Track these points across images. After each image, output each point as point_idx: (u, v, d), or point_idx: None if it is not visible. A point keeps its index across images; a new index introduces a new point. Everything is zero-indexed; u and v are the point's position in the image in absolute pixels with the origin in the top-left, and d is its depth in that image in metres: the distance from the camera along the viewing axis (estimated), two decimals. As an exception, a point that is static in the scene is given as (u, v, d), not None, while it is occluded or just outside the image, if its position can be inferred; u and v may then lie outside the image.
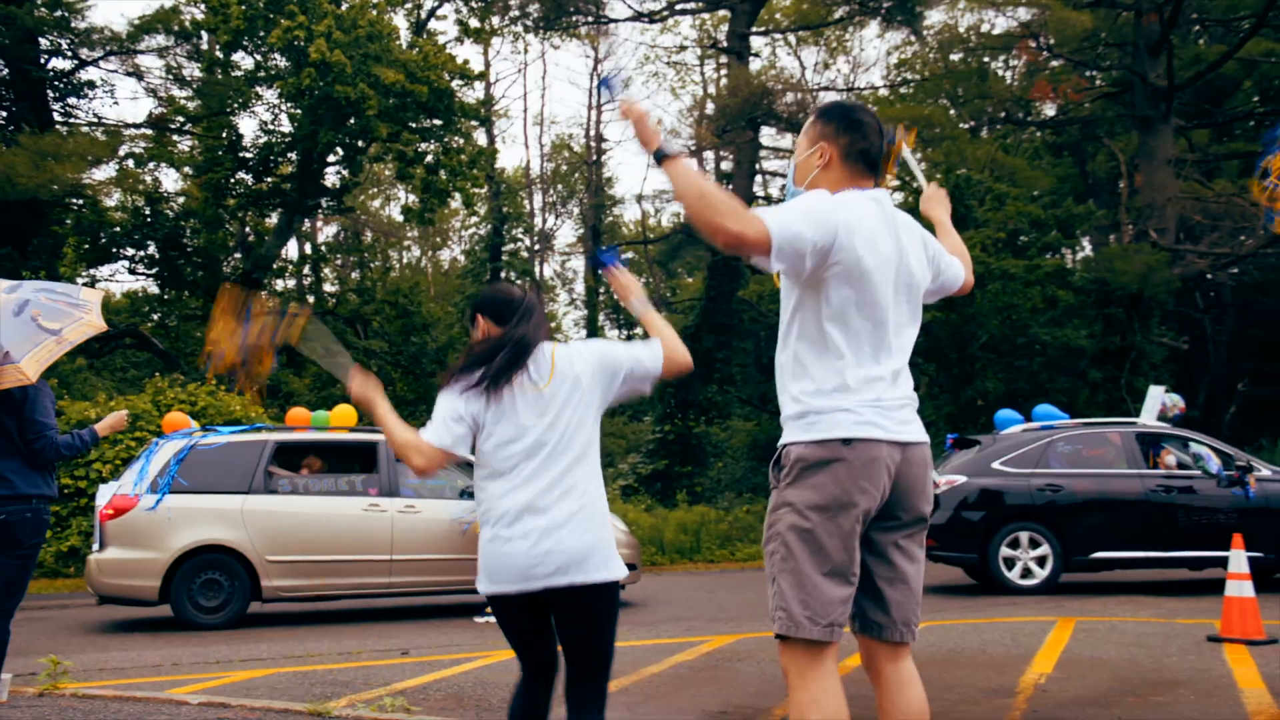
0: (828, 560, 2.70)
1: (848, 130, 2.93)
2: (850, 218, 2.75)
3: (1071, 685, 6.45)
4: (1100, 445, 11.80)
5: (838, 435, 2.71)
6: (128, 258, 25.35)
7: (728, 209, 2.60)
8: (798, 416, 2.77)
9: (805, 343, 2.81)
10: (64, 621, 11.10)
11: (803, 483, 2.72)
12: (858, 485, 2.71)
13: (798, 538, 2.70)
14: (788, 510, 2.72)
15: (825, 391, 2.75)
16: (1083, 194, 28.04)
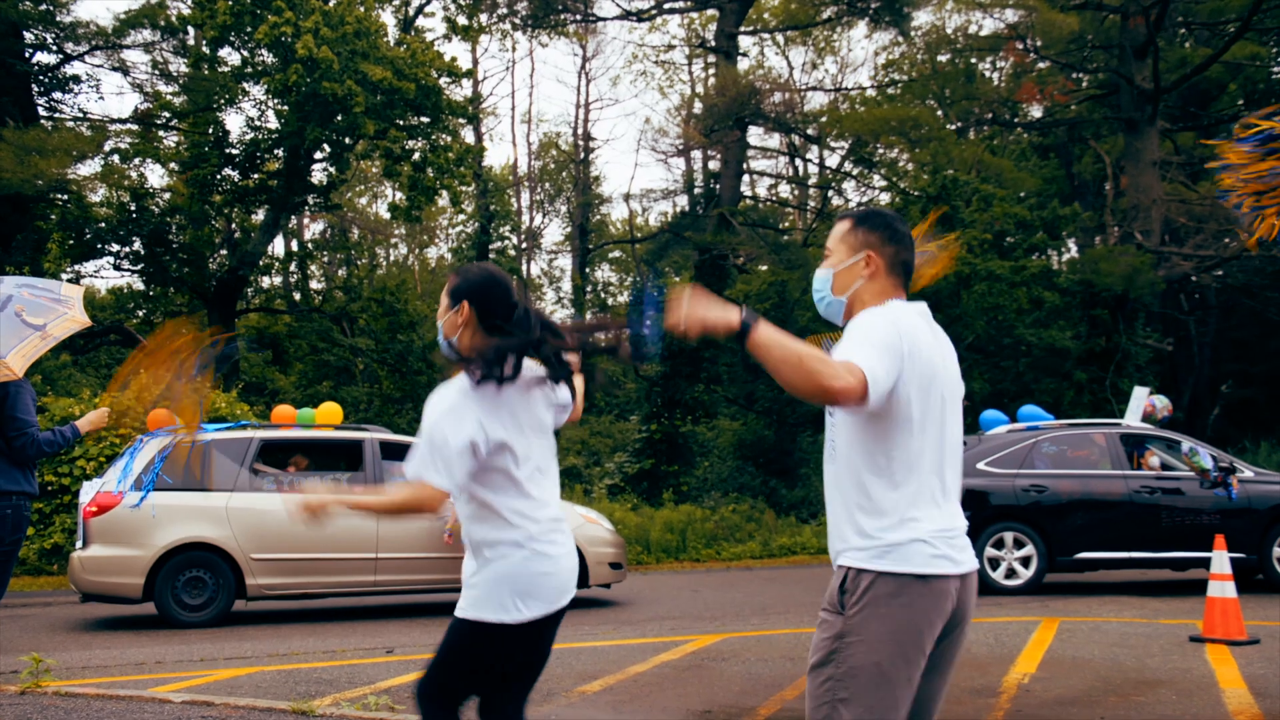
0: (890, 696, 2.69)
1: (893, 241, 2.92)
2: (913, 341, 2.74)
3: (1054, 685, 6.47)
4: (1085, 446, 11.85)
5: (913, 570, 2.70)
6: (113, 254, 25.21)
7: (828, 369, 2.55)
8: (870, 548, 2.73)
9: (871, 472, 2.76)
10: (47, 619, 11.05)
11: (873, 614, 2.68)
12: (929, 621, 2.71)
13: (866, 672, 2.67)
14: (856, 640, 2.68)
15: (900, 525, 2.72)
16: (1069, 195, 28.15)
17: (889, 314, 2.79)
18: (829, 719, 2.68)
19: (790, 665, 7.37)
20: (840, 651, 2.68)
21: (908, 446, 2.74)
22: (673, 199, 40.35)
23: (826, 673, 2.70)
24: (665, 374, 23.75)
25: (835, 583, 2.75)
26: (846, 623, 2.70)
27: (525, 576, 3.15)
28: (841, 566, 2.76)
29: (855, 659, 2.66)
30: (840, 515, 2.82)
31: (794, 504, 21.63)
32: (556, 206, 42.87)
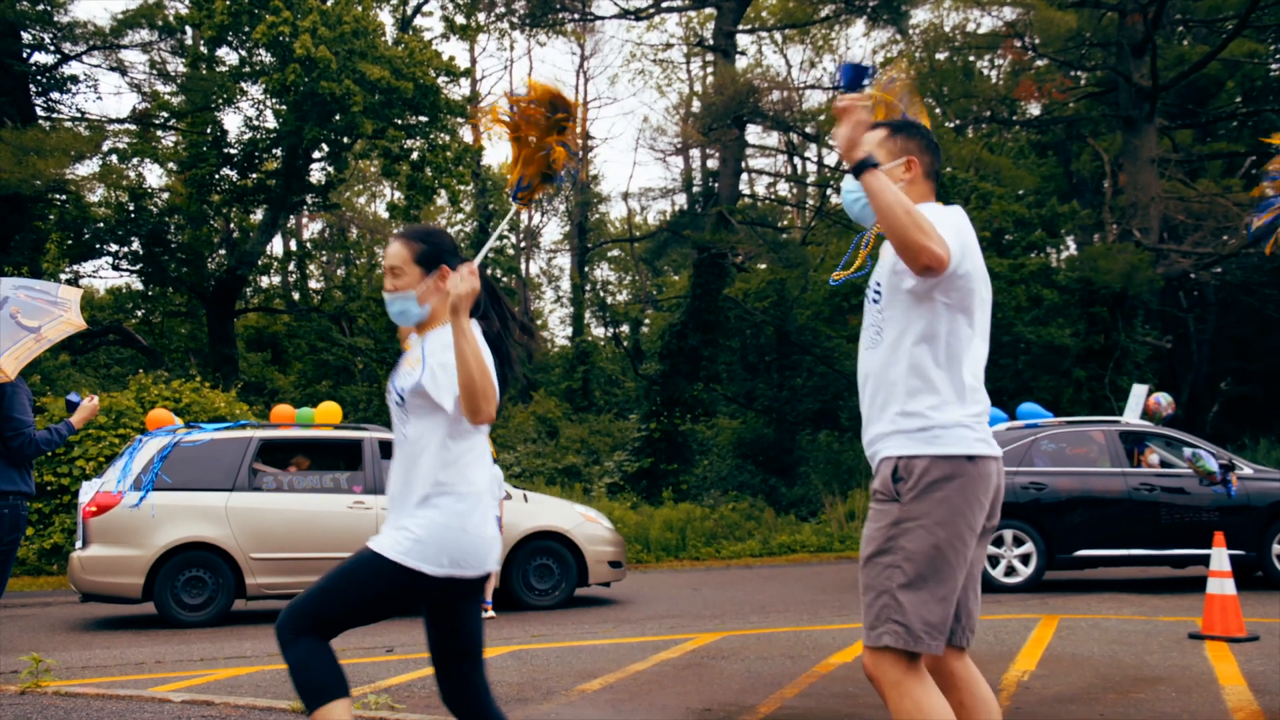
0: (951, 577, 2.75)
1: (930, 150, 3.06)
2: (973, 239, 2.87)
3: (1054, 682, 6.48)
4: (1084, 444, 11.86)
5: (963, 451, 2.78)
6: (111, 254, 25.21)
7: (931, 229, 2.63)
8: (919, 430, 2.80)
9: (925, 356, 2.84)
10: (46, 619, 11.05)
11: (929, 498, 2.75)
12: (979, 501, 2.80)
13: (925, 554, 2.73)
14: (914, 525, 2.74)
15: (946, 405, 2.81)
16: (1067, 193, 28.16)
17: (956, 213, 2.89)
18: (889, 605, 2.74)
19: (790, 663, 7.38)
20: (898, 537, 2.75)
21: (960, 334, 2.86)
22: (671, 197, 40.36)
23: (885, 560, 2.76)
24: (664, 372, 23.76)
25: (886, 472, 2.82)
26: (903, 509, 2.76)
27: (466, 534, 3.11)
28: (889, 457, 2.83)
29: (914, 543, 2.73)
30: (885, 400, 2.89)
31: (793, 502, 21.63)
32: (555, 205, 42.85)
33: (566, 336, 39.59)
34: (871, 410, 2.94)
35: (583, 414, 29.76)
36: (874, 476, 2.91)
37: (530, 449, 25.42)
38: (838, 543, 18.67)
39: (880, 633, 2.76)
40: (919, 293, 2.83)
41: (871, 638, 2.78)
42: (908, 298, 2.86)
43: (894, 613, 2.73)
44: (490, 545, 3.20)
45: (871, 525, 2.82)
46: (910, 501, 2.76)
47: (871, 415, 2.93)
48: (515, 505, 11.13)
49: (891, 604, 2.73)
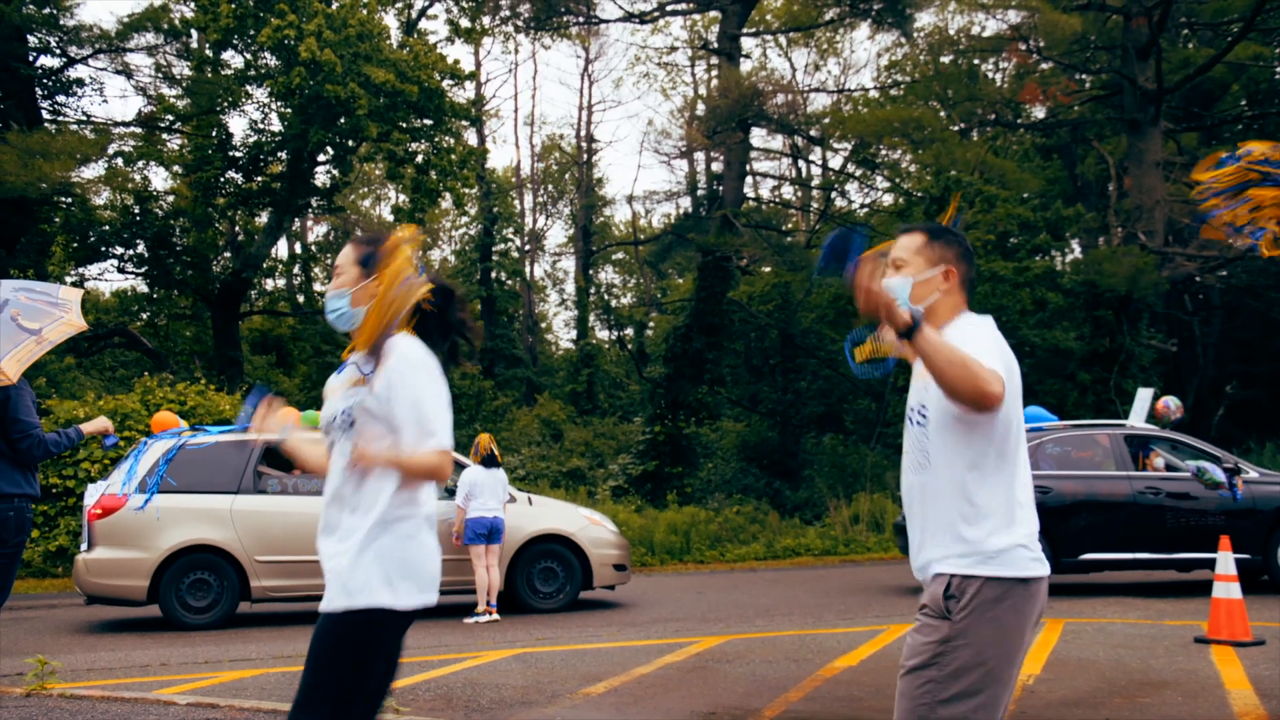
0: (996, 699, 2.77)
1: (966, 258, 3.05)
2: (1006, 346, 2.87)
3: (1059, 686, 6.47)
4: (1089, 447, 11.84)
5: (1017, 574, 2.80)
6: (116, 256, 25.25)
7: (986, 374, 2.66)
8: (974, 554, 2.82)
9: (977, 481, 2.85)
10: (52, 621, 11.06)
11: (980, 618, 2.77)
12: (1030, 620, 2.83)
13: (970, 674, 2.75)
14: (964, 645, 2.76)
15: (1000, 529, 2.82)
16: (1072, 196, 28.12)
17: (990, 326, 2.92)
18: (927, 718, 2.75)
19: (794, 667, 7.37)
20: (945, 655, 2.76)
21: (1008, 451, 2.85)
22: (676, 201, 40.37)
23: (929, 675, 2.77)
24: (669, 375, 23.75)
25: (938, 589, 2.83)
26: (953, 627, 2.77)
27: (421, 559, 2.99)
28: (943, 574, 2.84)
29: (961, 661, 2.75)
30: (938, 523, 2.89)
31: (798, 505, 21.61)
32: (559, 208, 42.90)
33: (571, 339, 39.62)
34: (924, 534, 2.95)
35: (587, 417, 29.76)
36: (926, 590, 2.92)
37: (534, 452, 25.43)
38: (842, 546, 18.65)
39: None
40: (969, 420, 2.84)
41: None
42: (958, 424, 2.87)
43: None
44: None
45: (919, 637, 2.84)
46: (960, 620, 2.78)
47: (924, 539, 2.94)
48: (520, 508, 11.12)
49: (932, 717, 2.75)
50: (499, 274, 35.97)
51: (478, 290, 35.19)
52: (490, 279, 35.32)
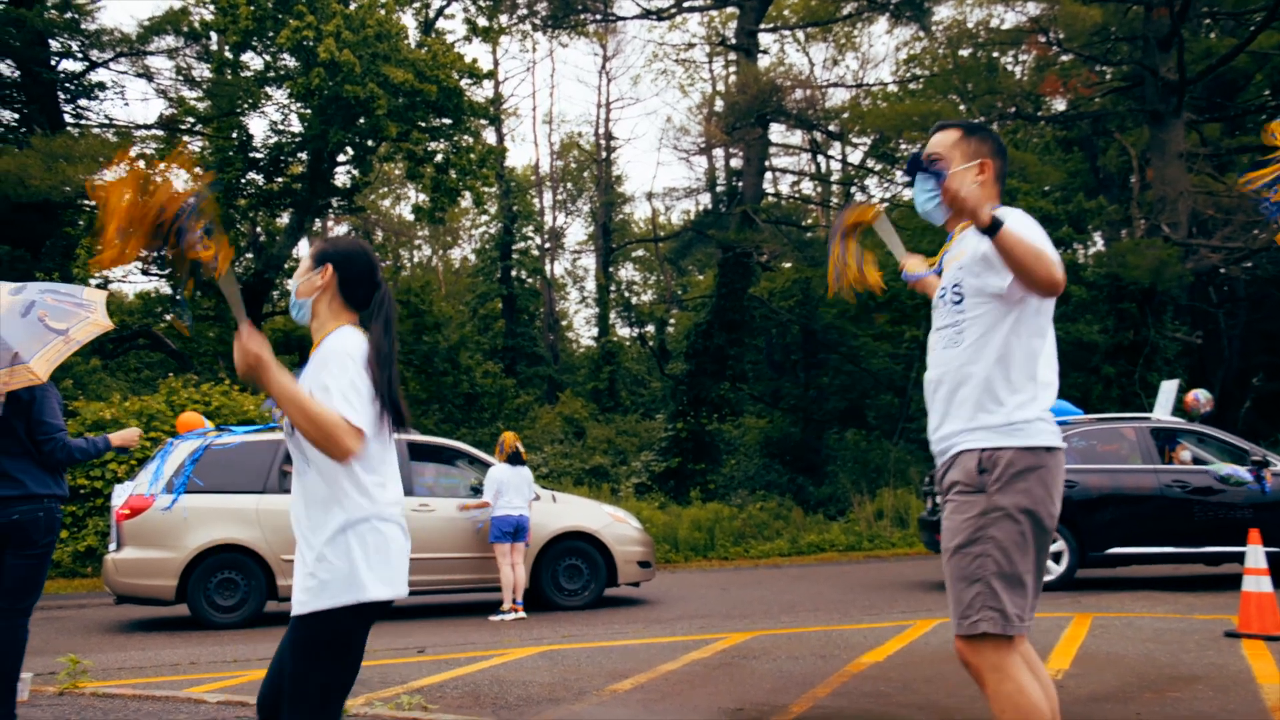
0: (1034, 561, 2.88)
1: (1000, 154, 3.17)
2: None
3: (1088, 681, 6.43)
4: (1114, 440, 11.76)
5: (1044, 443, 2.91)
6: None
7: (1058, 264, 2.79)
8: (1004, 425, 2.91)
9: (1011, 354, 2.95)
10: (82, 621, 11.15)
11: (1014, 488, 2.86)
12: (1058, 489, 2.95)
13: (1014, 541, 2.85)
14: (1001, 515, 2.85)
15: (1028, 402, 2.93)
16: (1094, 189, 27.97)
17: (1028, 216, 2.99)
18: (983, 593, 2.84)
19: (821, 663, 7.36)
20: (987, 527, 2.86)
21: (1041, 331, 2.99)
22: (695, 197, 40.36)
23: (975, 550, 2.86)
24: (691, 372, 23.74)
25: (970, 464, 2.91)
26: (990, 499, 2.87)
27: (386, 553, 3.03)
28: (971, 450, 2.93)
29: (1004, 532, 2.85)
30: (966, 398, 2.98)
31: (821, 501, 21.57)
32: (579, 206, 42.94)
33: (592, 337, 39.66)
34: (948, 407, 3.03)
35: (609, 414, 29.79)
36: (948, 469, 3.00)
37: (557, 449, 25.47)
38: (866, 541, 18.61)
39: (976, 620, 2.86)
40: (1012, 297, 2.93)
41: (965, 626, 2.88)
42: (996, 300, 2.96)
43: (989, 599, 2.83)
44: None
45: (957, 517, 2.91)
46: (997, 492, 2.86)
47: (948, 412, 3.02)
48: (544, 506, 11.15)
49: (985, 591, 2.83)
50: (519, 272, 36.02)
51: (498, 289, 35.25)
52: (511, 277, 35.38)
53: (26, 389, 5.05)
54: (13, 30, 21.42)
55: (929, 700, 6.08)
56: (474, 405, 28.27)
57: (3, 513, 5.08)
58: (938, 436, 3.05)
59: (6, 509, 5.08)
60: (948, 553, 2.92)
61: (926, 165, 3.15)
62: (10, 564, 5.11)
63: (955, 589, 2.89)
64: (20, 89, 23.03)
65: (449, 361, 28.06)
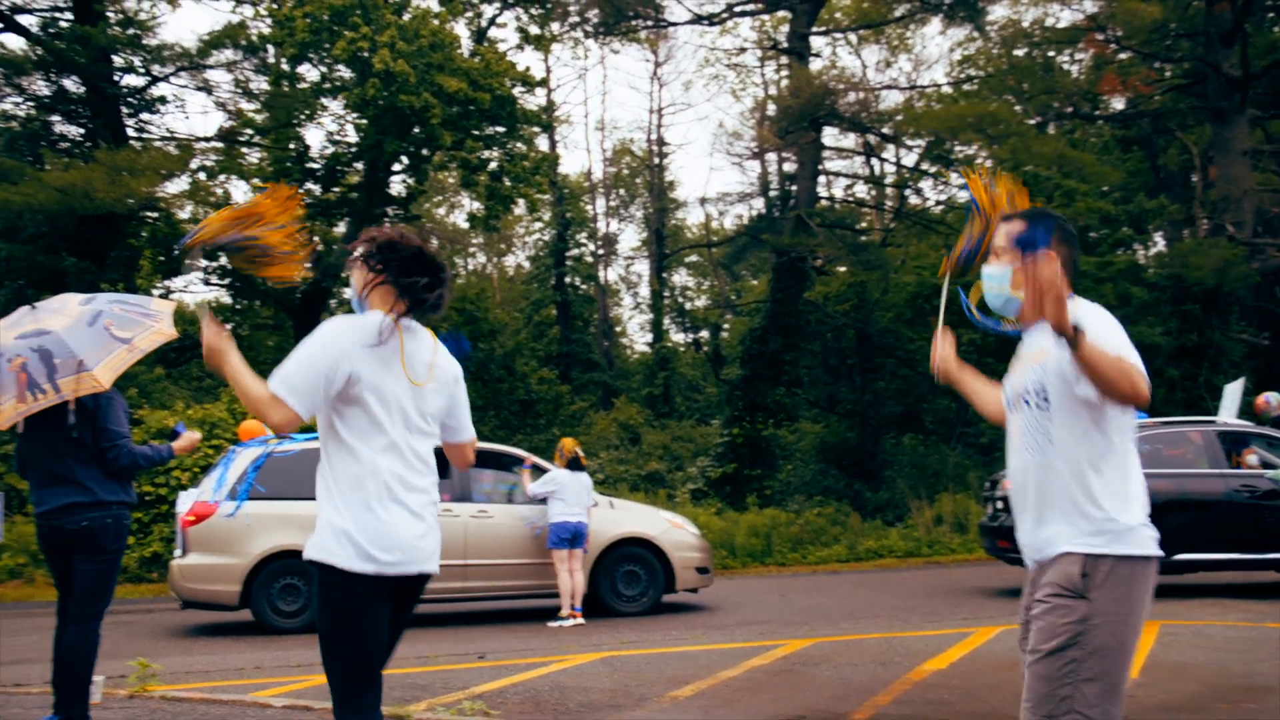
0: (1126, 671, 2.91)
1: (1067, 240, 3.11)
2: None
3: (1158, 691, 6.32)
4: (1180, 444, 11.55)
5: (1145, 552, 2.92)
6: (201, 269, 25.82)
7: (1141, 375, 2.77)
8: (1106, 531, 2.91)
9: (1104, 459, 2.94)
10: (149, 625, 11.33)
11: (1114, 595, 2.88)
12: (1150, 597, 2.96)
13: (1112, 651, 2.87)
14: (1102, 622, 2.86)
15: (1127, 507, 2.92)
16: (1154, 188, 27.50)
17: (1109, 316, 2.96)
18: (1073, 698, 2.84)
19: (882, 670, 7.29)
20: (1086, 634, 2.85)
21: (1128, 429, 2.96)
22: (748, 202, 40.24)
23: (1070, 655, 2.86)
24: (746, 377, 23.67)
25: (1071, 569, 2.89)
26: (1091, 606, 2.86)
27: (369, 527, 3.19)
28: (1074, 553, 2.90)
29: (1101, 639, 2.85)
30: (1062, 502, 2.95)
31: (879, 507, 21.40)
32: (632, 212, 43.00)
33: (646, 343, 39.66)
34: (1043, 512, 3.00)
35: (664, 420, 29.78)
36: (1045, 570, 2.98)
37: (613, 455, 25.50)
38: (926, 548, 18.42)
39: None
40: (1100, 406, 2.90)
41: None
42: (1087, 408, 2.93)
43: (1080, 705, 2.84)
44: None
45: (1052, 619, 2.90)
46: (1097, 599, 2.86)
47: (1043, 517, 3.00)
48: (602, 512, 11.15)
49: (1077, 696, 2.84)
50: (573, 279, 36.12)
51: (552, 295, 35.39)
52: (564, 284, 35.50)
53: (92, 396, 5.14)
54: (78, 47, 21.89)
55: (993, 709, 6.01)
56: (529, 412, 28.39)
57: (72, 519, 5.16)
58: (1033, 539, 3.04)
59: (76, 516, 5.16)
60: (1039, 654, 2.91)
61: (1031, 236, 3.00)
62: (81, 570, 5.20)
63: (1044, 688, 2.89)
64: (85, 104, 23.51)
65: (504, 368, 28.22)
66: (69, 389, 4.98)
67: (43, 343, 5.08)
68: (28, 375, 5.01)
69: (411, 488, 3.25)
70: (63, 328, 5.16)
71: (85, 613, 5.20)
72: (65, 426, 5.15)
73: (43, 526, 5.28)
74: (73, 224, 21.36)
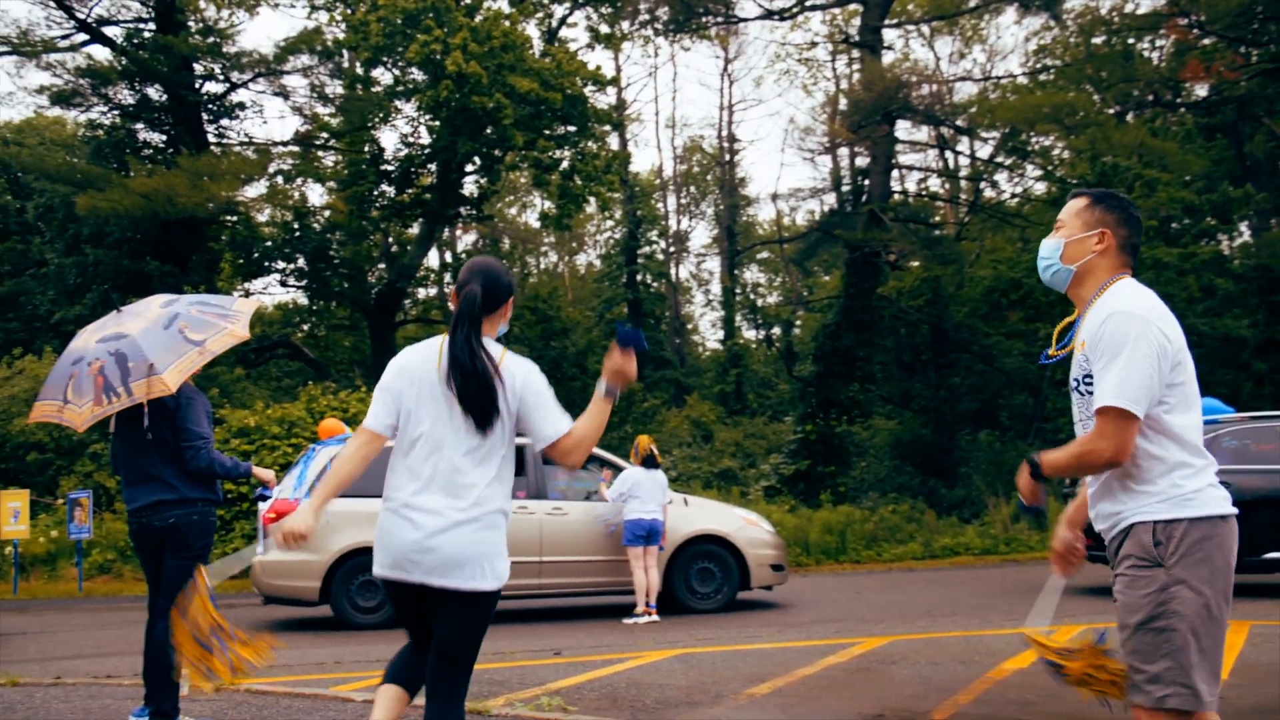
0: (1221, 635, 2.92)
1: (1127, 223, 3.15)
2: (1166, 329, 2.98)
3: (1249, 693, 6.15)
4: (1271, 439, 11.21)
5: (1217, 512, 2.95)
6: (279, 271, 26.32)
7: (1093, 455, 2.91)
8: (1174, 498, 2.94)
9: (1160, 436, 2.97)
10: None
11: (1191, 559, 2.89)
12: (1234, 554, 2.98)
13: (1200, 615, 2.87)
14: (1183, 588, 2.86)
15: (1192, 473, 2.95)
16: (1240, 177, 26.77)
17: (1136, 315, 2.94)
18: (1173, 668, 2.84)
19: (962, 668, 7.19)
20: (1169, 602, 2.86)
21: (1185, 401, 2.98)
22: (820, 197, 39.96)
23: (1160, 624, 2.86)
24: (819, 374, 23.51)
25: (1144, 538, 2.92)
26: (1169, 573, 2.87)
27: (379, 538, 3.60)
28: (1144, 522, 2.93)
29: (1188, 605, 2.86)
30: (1124, 481, 3.00)
31: (955, 504, 21.12)
32: (703, 209, 42.94)
33: (718, 340, 39.60)
34: (1106, 489, 3.05)
35: (736, 417, 29.70)
36: (1120, 543, 3.00)
37: (685, 453, 25.49)
38: (1003, 545, 18.14)
39: (1166, 695, 2.86)
40: None
41: (1154, 700, 2.87)
42: None
43: (1179, 675, 2.84)
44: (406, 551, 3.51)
45: (1133, 593, 2.91)
46: (1175, 565, 2.87)
47: (1109, 490, 3.04)
48: (676, 509, 11.14)
49: (1174, 667, 2.84)
50: (644, 276, 36.17)
51: (624, 293, 35.48)
52: (636, 281, 35.56)
53: (172, 396, 5.20)
54: (161, 57, 22.43)
55: (1077, 710, 5.89)
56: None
57: (159, 516, 5.27)
58: (1101, 513, 3.06)
59: (163, 513, 5.27)
60: (1127, 629, 2.92)
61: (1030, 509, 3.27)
62: (169, 566, 5.31)
63: (1138, 661, 2.89)
64: (168, 112, 24.08)
65: (577, 366, 28.35)
66: (141, 392, 5.05)
67: (120, 346, 5.16)
68: (104, 379, 5.10)
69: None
70: (139, 331, 5.22)
71: (174, 607, 5.30)
72: (155, 426, 5.25)
73: (132, 524, 5.40)
74: (156, 229, 21.90)
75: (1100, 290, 3.08)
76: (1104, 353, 2.91)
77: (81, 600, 14.64)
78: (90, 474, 18.26)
